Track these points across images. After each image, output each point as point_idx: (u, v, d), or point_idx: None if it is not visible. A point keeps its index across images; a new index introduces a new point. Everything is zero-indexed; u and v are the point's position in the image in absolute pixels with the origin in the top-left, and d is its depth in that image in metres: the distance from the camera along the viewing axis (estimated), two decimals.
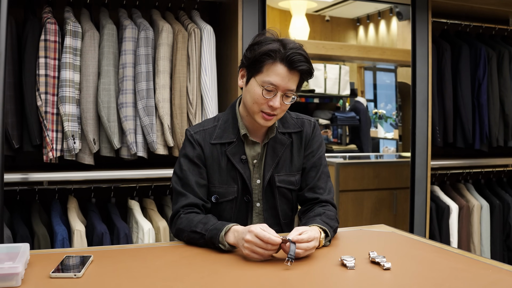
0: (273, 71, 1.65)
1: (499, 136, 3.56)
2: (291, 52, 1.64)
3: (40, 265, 1.39)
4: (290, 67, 1.65)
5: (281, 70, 1.65)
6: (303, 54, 1.66)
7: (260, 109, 1.69)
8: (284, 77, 1.65)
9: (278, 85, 1.65)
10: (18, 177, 2.48)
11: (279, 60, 1.64)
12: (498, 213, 3.58)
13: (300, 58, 1.64)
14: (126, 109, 2.58)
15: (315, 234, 1.52)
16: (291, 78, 1.66)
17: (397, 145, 4.56)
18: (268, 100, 1.67)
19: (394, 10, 4.14)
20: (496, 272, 1.37)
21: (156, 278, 1.32)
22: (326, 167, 1.85)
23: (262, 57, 1.65)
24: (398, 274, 1.35)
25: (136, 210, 2.70)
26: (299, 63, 1.64)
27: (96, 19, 2.73)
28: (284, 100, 1.68)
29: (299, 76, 1.69)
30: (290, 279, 1.32)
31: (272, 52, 1.64)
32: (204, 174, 1.78)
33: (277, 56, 1.64)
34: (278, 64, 1.65)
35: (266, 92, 1.66)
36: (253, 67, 1.69)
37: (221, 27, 2.97)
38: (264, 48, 1.65)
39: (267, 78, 1.65)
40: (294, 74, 1.66)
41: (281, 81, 1.65)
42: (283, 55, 1.64)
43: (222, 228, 1.54)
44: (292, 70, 1.65)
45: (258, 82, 1.67)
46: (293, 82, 1.67)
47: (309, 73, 1.70)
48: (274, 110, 1.68)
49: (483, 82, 3.49)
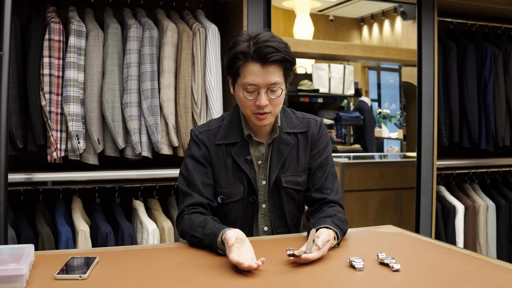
0: (248, 71, 1.64)
1: (505, 135, 3.54)
2: (258, 47, 1.62)
3: (44, 266, 1.38)
4: (262, 62, 1.63)
5: (254, 68, 1.63)
6: (272, 45, 1.62)
7: (251, 111, 1.68)
8: (259, 74, 1.63)
9: (257, 84, 1.63)
10: (22, 177, 2.47)
11: (250, 59, 1.63)
12: (504, 213, 3.56)
13: (269, 50, 1.61)
14: (131, 108, 2.57)
15: (331, 243, 1.51)
16: (268, 72, 1.63)
17: (401, 145, 4.55)
18: (254, 101, 1.65)
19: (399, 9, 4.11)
20: (507, 274, 1.35)
21: (162, 279, 1.30)
22: (333, 167, 1.83)
23: (234, 61, 1.65)
24: (408, 276, 1.33)
25: (141, 210, 2.69)
26: (269, 55, 1.61)
27: (101, 19, 2.72)
28: (271, 95, 1.66)
29: (279, 67, 1.65)
30: (299, 280, 1.30)
31: (241, 53, 1.64)
32: (210, 174, 1.76)
33: (247, 56, 1.63)
34: (250, 64, 1.64)
35: (248, 94, 1.65)
36: (232, 73, 1.69)
37: (226, 26, 2.96)
38: (233, 52, 1.65)
39: (245, 80, 1.64)
40: (269, 67, 1.63)
41: (258, 79, 1.63)
42: (252, 53, 1.63)
43: (218, 233, 1.52)
44: (265, 64, 1.63)
45: (240, 86, 1.67)
46: (272, 75, 1.64)
47: (286, 61, 1.66)
48: (263, 108, 1.66)
49: (489, 82, 3.47)
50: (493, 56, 3.51)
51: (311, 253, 1.41)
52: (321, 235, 1.48)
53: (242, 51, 1.64)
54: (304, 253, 1.40)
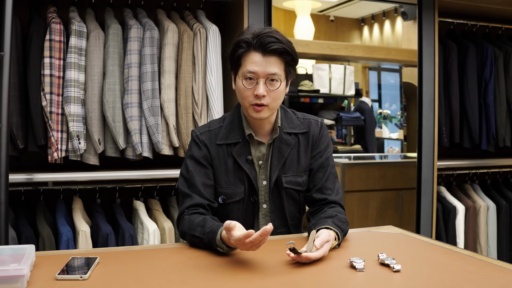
0: (249, 59, 1.67)
1: (505, 136, 3.54)
2: (261, 36, 1.66)
3: (45, 266, 1.38)
4: (263, 51, 1.66)
5: (256, 56, 1.66)
6: (274, 36, 1.66)
7: (249, 102, 1.69)
8: (260, 63, 1.65)
9: (257, 72, 1.65)
10: (23, 178, 2.47)
11: (252, 48, 1.67)
12: (504, 214, 3.55)
13: (270, 40, 1.65)
14: (132, 109, 2.57)
15: (331, 243, 1.51)
16: (268, 62, 1.66)
17: (401, 146, 4.54)
18: (252, 91, 1.67)
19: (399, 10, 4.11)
20: (507, 274, 1.35)
21: (163, 280, 1.30)
22: (333, 167, 1.83)
23: (237, 49, 1.69)
24: (408, 276, 1.33)
25: (141, 210, 2.69)
26: (269, 44, 1.64)
27: (101, 19, 2.72)
28: (270, 86, 1.67)
29: (279, 59, 1.67)
30: (299, 281, 1.30)
31: (244, 42, 1.68)
32: (210, 175, 1.76)
33: (249, 45, 1.67)
34: (251, 52, 1.67)
35: (248, 83, 1.67)
36: (234, 64, 1.73)
37: (226, 27, 2.96)
38: (236, 40, 1.70)
39: (245, 68, 1.67)
40: (270, 57, 1.66)
41: (258, 67, 1.65)
42: (254, 42, 1.66)
43: (217, 231, 1.52)
44: (266, 54, 1.66)
45: (240, 76, 1.70)
46: (272, 66, 1.66)
47: (288, 54, 1.68)
48: (261, 98, 1.67)
49: (489, 82, 3.47)
50: (494, 56, 3.51)
51: (312, 252, 1.41)
52: (320, 235, 1.48)
53: (245, 40, 1.68)
54: (305, 252, 1.40)
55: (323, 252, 1.44)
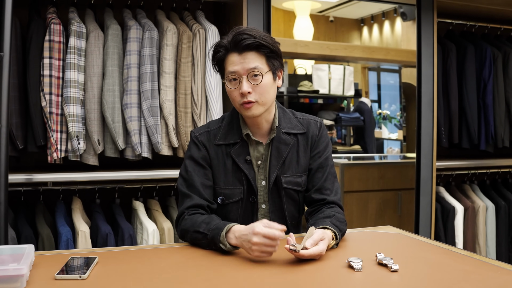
0: (229, 61, 1.69)
1: (504, 136, 3.55)
2: (234, 36, 1.67)
3: (45, 266, 1.38)
4: (239, 50, 1.67)
5: (234, 57, 1.68)
6: (247, 32, 1.66)
7: (238, 102, 1.70)
8: (238, 61, 1.67)
9: (237, 71, 1.67)
10: (23, 178, 2.48)
11: (230, 50, 1.69)
12: (503, 214, 3.56)
13: (243, 37, 1.66)
14: (131, 109, 2.58)
15: (328, 242, 1.52)
16: (246, 58, 1.67)
17: (401, 146, 4.55)
18: (238, 90, 1.68)
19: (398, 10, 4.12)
20: (505, 274, 1.35)
21: (162, 280, 1.31)
22: (333, 167, 1.83)
23: (216, 55, 1.72)
24: (406, 276, 1.33)
25: (141, 211, 2.70)
26: (243, 41, 1.66)
27: (101, 20, 2.72)
28: (253, 82, 1.67)
29: (257, 53, 1.68)
30: (297, 280, 1.31)
31: (221, 47, 1.71)
32: (209, 175, 1.77)
33: (227, 48, 1.69)
34: (229, 54, 1.69)
35: (232, 84, 1.69)
36: (219, 70, 1.76)
37: (226, 28, 2.95)
38: (214, 47, 1.73)
39: (227, 70, 1.70)
40: (247, 54, 1.67)
41: (236, 66, 1.67)
42: (229, 44, 1.68)
43: (223, 228, 1.54)
44: (242, 52, 1.67)
45: (226, 80, 1.72)
46: (250, 61, 1.67)
47: (263, 47, 1.67)
48: (247, 96, 1.67)
49: (488, 83, 3.47)
50: (493, 57, 3.51)
51: (303, 250, 1.42)
52: (313, 235, 1.49)
53: (222, 44, 1.71)
54: (303, 249, 1.41)
55: (318, 250, 1.45)
